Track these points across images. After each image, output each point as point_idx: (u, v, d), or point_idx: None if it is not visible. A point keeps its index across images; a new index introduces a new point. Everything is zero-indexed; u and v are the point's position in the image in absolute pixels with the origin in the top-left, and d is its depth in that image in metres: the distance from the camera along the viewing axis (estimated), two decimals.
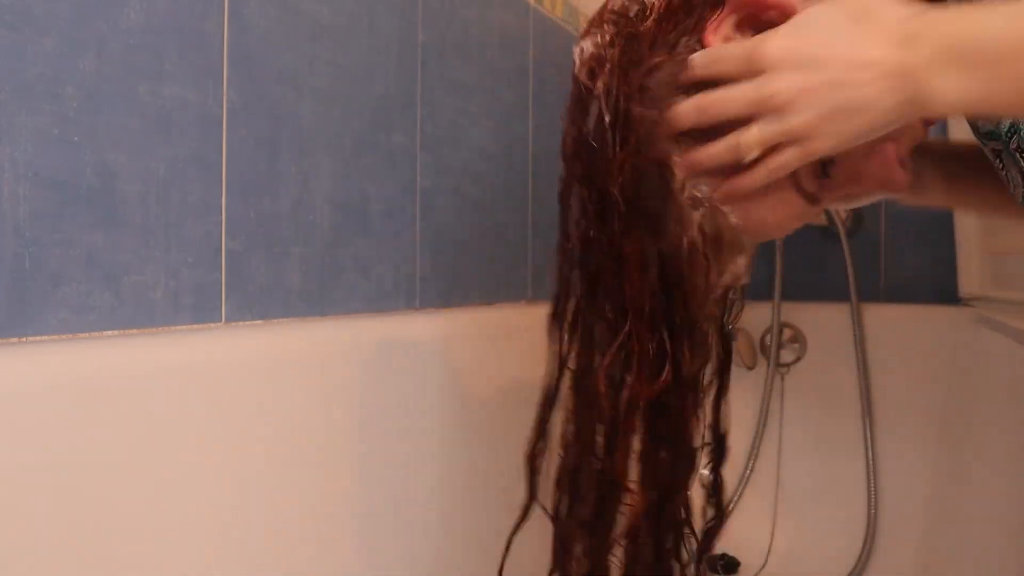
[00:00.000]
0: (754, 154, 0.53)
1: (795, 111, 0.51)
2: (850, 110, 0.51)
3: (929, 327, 1.45)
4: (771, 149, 0.53)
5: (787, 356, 1.58)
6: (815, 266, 1.58)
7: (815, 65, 0.51)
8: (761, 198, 0.57)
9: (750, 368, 1.59)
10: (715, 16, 0.57)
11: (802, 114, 0.51)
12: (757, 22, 0.56)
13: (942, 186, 0.75)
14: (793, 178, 0.56)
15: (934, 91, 0.49)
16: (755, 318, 1.58)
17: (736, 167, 0.55)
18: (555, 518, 0.65)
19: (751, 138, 0.53)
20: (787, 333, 1.59)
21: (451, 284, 1.08)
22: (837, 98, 0.51)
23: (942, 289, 1.46)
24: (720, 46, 0.55)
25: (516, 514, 0.67)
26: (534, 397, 0.67)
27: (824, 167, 0.56)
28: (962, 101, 0.49)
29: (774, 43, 0.52)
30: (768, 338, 1.59)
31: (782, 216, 0.59)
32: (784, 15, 0.55)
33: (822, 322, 1.56)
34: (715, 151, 0.55)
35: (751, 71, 0.52)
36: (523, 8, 1.28)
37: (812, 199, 0.57)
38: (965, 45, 0.48)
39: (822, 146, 0.52)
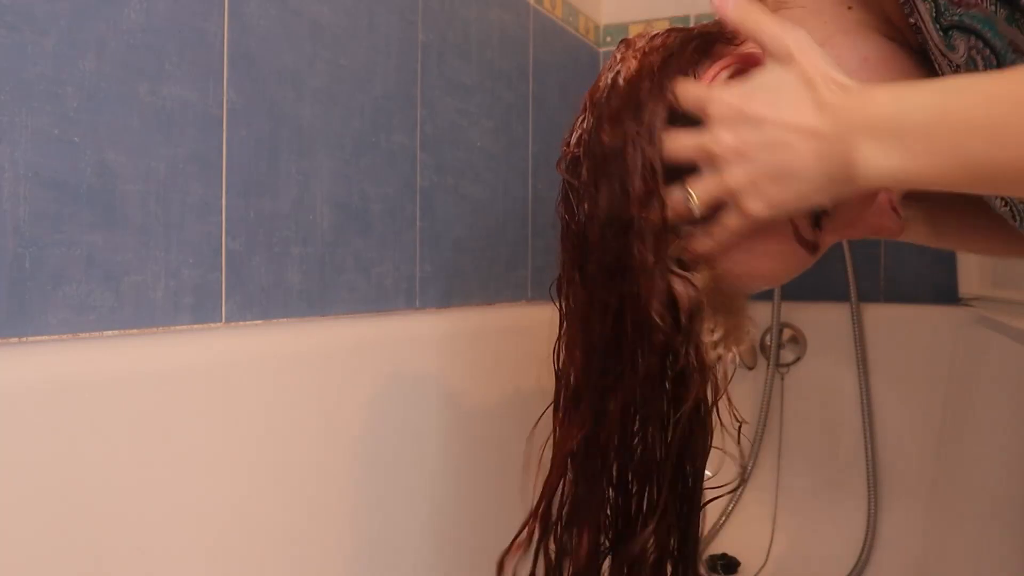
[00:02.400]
0: (696, 205, 0.54)
1: (730, 167, 0.51)
2: (781, 174, 0.50)
3: (929, 327, 1.45)
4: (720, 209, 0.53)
5: (787, 356, 1.58)
6: (815, 266, 1.58)
7: (754, 124, 0.50)
8: (759, 247, 0.56)
9: (750, 368, 1.59)
10: (708, 71, 0.57)
11: (736, 171, 0.51)
12: (749, 73, 0.55)
13: (924, 228, 0.75)
14: (792, 227, 0.56)
15: (858, 162, 0.47)
16: (755, 318, 1.58)
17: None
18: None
19: (693, 188, 0.53)
20: (787, 333, 1.59)
21: (451, 284, 1.08)
22: (769, 160, 0.50)
23: (942, 289, 1.46)
24: (696, 85, 0.55)
25: (513, 513, 0.68)
26: (533, 396, 0.68)
27: (817, 218, 0.56)
28: (888, 174, 0.47)
29: (725, 98, 0.52)
30: (768, 338, 1.59)
31: (779, 265, 0.59)
32: None
33: (822, 322, 1.56)
34: (672, 198, 0.55)
35: (704, 118, 0.52)
36: (523, 8, 1.28)
37: (811, 247, 0.57)
38: (892, 117, 0.47)
39: (755, 208, 0.52)
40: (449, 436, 0.97)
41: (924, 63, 0.57)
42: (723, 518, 1.52)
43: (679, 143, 0.54)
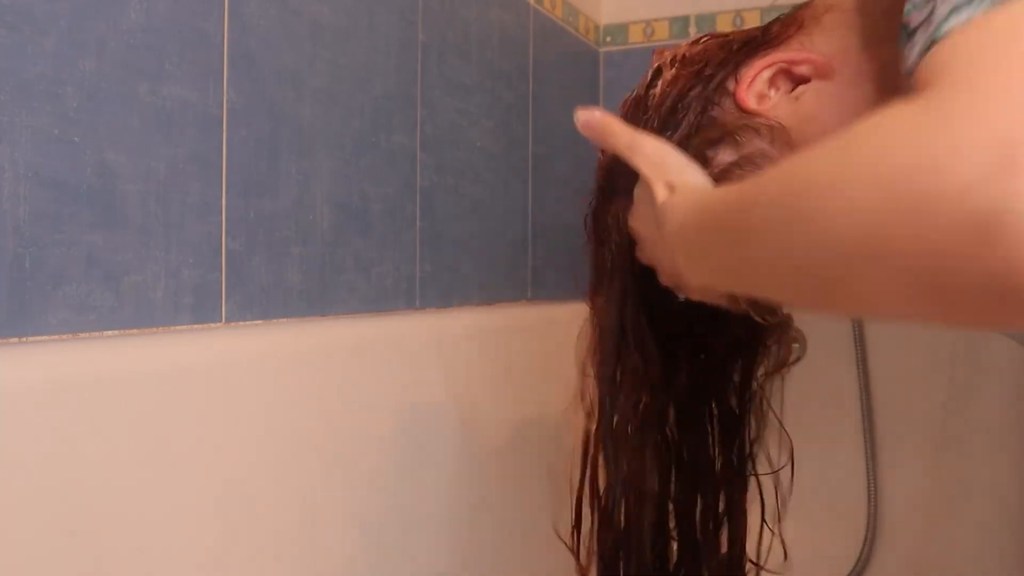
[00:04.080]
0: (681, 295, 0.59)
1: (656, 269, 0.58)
2: (672, 274, 0.55)
3: (929, 327, 1.45)
4: None
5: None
6: None
7: (640, 241, 0.58)
8: None
9: None
10: (748, 72, 0.57)
11: (658, 268, 0.58)
12: (792, 75, 0.56)
13: None
14: None
15: (684, 275, 0.51)
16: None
17: None
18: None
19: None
20: None
21: (451, 284, 1.08)
22: (660, 265, 0.57)
23: None
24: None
25: (513, 514, 0.68)
26: (533, 397, 0.68)
27: None
28: (702, 285, 0.51)
29: (629, 221, 0.59)
30: None
31: None
32: (816, 70, 0.55)
33: (822, 322, 1.56)
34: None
35: None
36: (523, 8, 1.28)
37: None
38: (690, 225, 0.48)
39: (692, 294, 0.57)
40: (449, 436, 0.97)
41: None
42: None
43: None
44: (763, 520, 0.71)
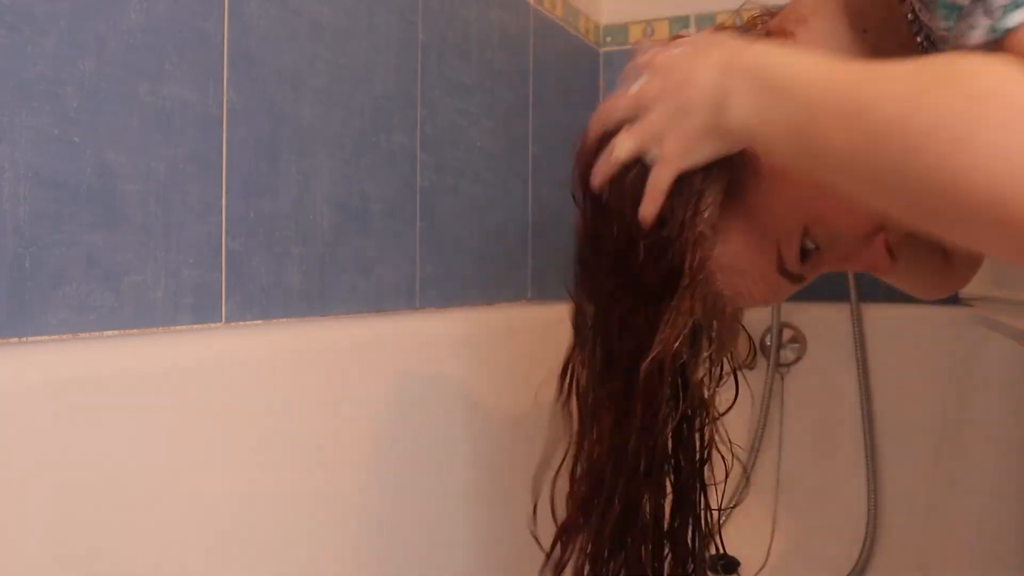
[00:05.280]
0: (624, 152, 0.56)
1: (652, 107, 0.55)
2: (685, 110, 0.53)
3: (929, 327, 1.45)
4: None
5: (787, 356, 1.58)
6: None
7: (672, 70, 0.55)
8: (749, 272, 0.58)
9: (750, 368, 1.58)
10: None
11: (656, 110, 0.54)
12: None
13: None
14: (778, 262, 0.57)
15: (730, 106, 0.50)
16: (755, 318, 1.58)
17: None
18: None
19: (620, 138, 0.56)
20: (787, 333, 1.59)
21: (451, 284, 1.08)
22: (678, 97, 0.53)
23: None
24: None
25: (513, 514, 0.68)
26: (533, 397, 0.68)
27: (805, 254, 0.57)
28: (747, 122, 0.50)
29: (659, 56, 0.56)
30: (768, 338, 1.59)
31: (766, 290, 0.60)
32: None
33: (822, 322, 1.56)
34: (603, 161, 0.57)
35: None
36: (523, 8, 1.28)
37: (794, 279, 0.58)
38: (763, 71, 0.49)
39: (671, 150, 0.54)
40: (449, 436, 0.97)
41: None
42: (723, 518, 1.52)
43: (612, 104, 0.57)
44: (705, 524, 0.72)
